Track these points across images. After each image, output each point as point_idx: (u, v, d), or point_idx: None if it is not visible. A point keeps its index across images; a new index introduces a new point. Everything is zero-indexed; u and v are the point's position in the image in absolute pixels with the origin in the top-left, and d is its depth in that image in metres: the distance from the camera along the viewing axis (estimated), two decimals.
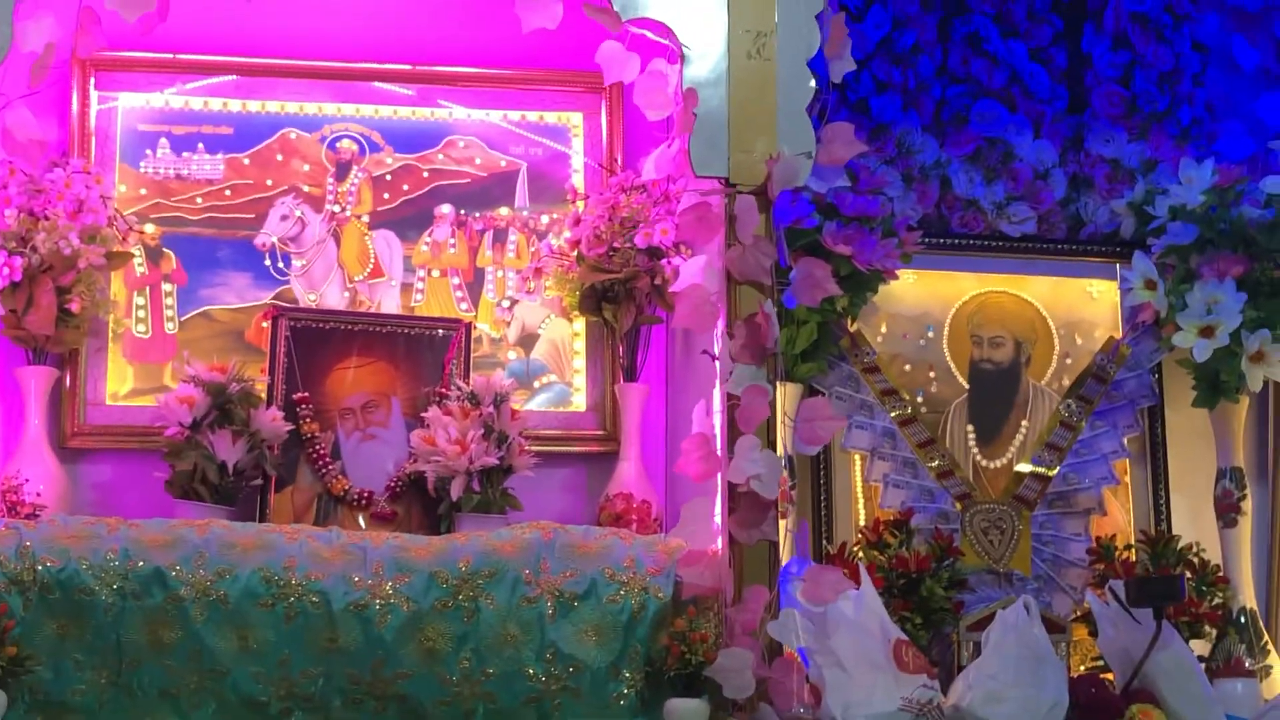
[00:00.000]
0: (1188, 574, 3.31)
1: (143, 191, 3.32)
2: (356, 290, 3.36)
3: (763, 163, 3.00)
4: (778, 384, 3.03)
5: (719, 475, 2.95)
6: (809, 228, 3.30)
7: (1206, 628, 3.29)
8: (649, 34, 3.09)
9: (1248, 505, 3.57)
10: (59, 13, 3.04)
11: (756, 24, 3.04)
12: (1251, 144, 3.67)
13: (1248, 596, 3.50)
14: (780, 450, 3.05)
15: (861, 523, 3.46)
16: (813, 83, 3.08)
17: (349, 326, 3.23)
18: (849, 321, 3.51)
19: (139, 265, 3.29)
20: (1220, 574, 3.41)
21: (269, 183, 3.37)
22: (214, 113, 3.38)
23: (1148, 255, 3.56)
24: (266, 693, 2.77)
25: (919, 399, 3.59)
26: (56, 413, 3.18)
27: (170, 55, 3.35)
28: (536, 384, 3.39)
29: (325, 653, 2.77)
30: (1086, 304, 3.69)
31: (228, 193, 3.35)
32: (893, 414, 3.54)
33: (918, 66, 3.67)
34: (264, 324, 3.23)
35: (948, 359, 3.63)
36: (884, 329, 3.60)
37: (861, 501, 3.53)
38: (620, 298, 3.22)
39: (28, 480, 3.02)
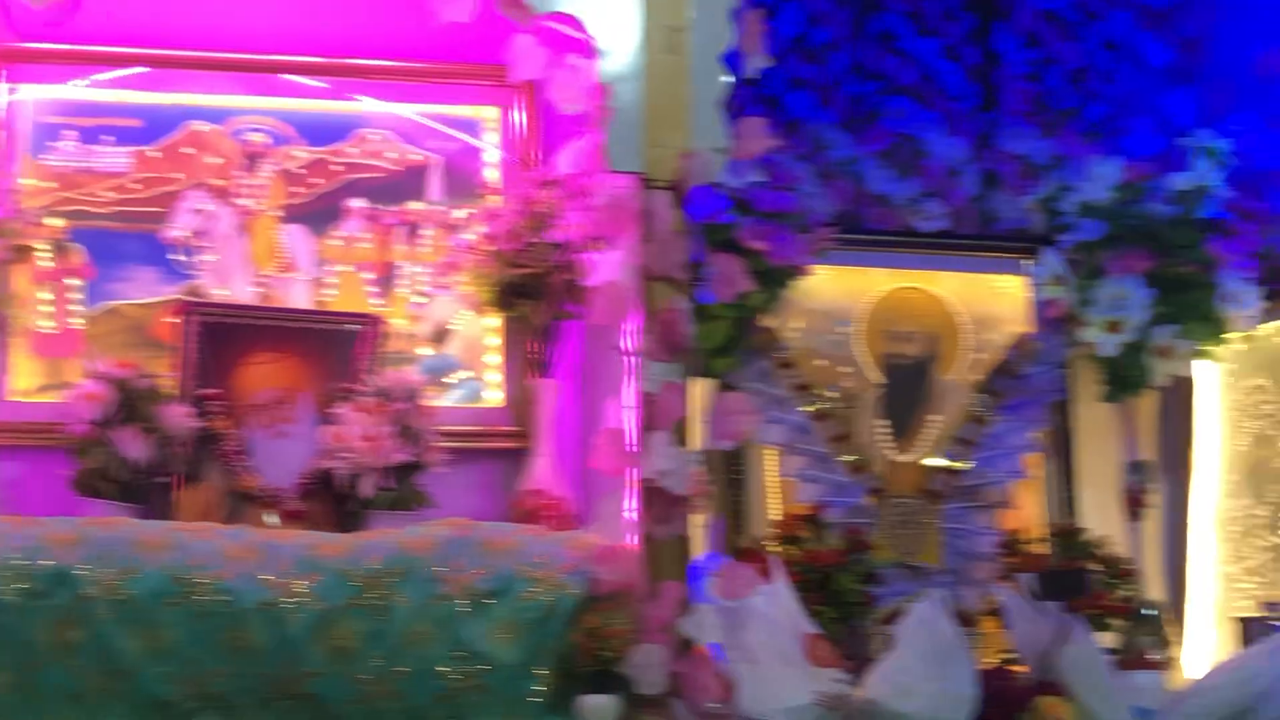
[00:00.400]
0: (1095, 567, 3.35)
1: (49, 185, 3.28)
2: (266, 285, 3.34)
3: (677, 158, 3.02)
4: (692, 380, 3.04)
5: (632, 471, 2.96)
6: (723, 223, 3.28)
7: (1113, 620, 3.31)
8: (563, 28, 3.10)
9: (1154, 499, 3.62)
10: None
11: (671, 19, 3.06)
12: (1159, 141, 3.70)
13: (1154, 588, 3.54)
14: (694, 445, 3.06)
15: (775, 517, 3.46)
16: (727, 78, 3.09)
17: (259, 322, 3.21)
18: (763, 317, 3.51)
19: (45, 259, 3.25)
20: (1127, 567, 3.45)
21: (177, 176, 3.34)
22: (122, 105, 3.35)
23: (1057, 251, 3.59)
24: (175, 693, 2.74)
25: (832, 394, 3.59)
26: None
27: (78, 46, 3.31)
28: (449, 380, 3.38)
29: (234, 652, 2.75)
30: (996, 300, 3.71)
31: (136, 186, 3.32)
32: (806, 409, 3.55)
33: (831, 63, 3.69)
34: (172, 319, 3.19)
35: (860, 354, 3.64)
36: (798, 325, 3.61)
37: (775, 497, 3.53)
38: (534, 293, 3.22)
39: None
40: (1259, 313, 3.51)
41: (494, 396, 3.40)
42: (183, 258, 3.33)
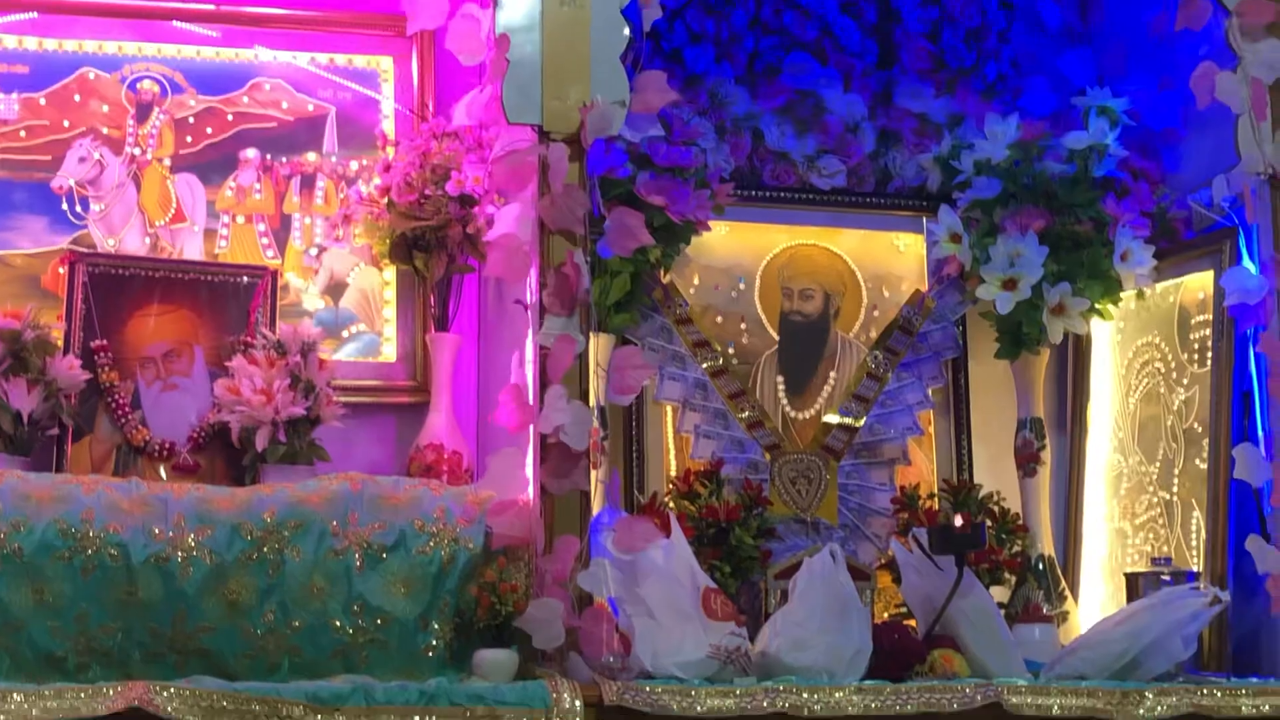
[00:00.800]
0: (988, 522, 3.37)
1: None
2: (158, 235, 3.31)
3: (576, 110, 3.00)
4: (590, 335, 3.04)
5: (532, 426, 2.95)
6: (622, 177, 3.30)
7: (1006, 575, 3.37)
8: None
9: (1047, 455, 3.66)
10: None
11: None
12: (1055, 100, 3.75)
13: (1046, 544, 3.59)
14: (592, 401, 3.06)
15: (673, 473, 3.49)
16: (626, 31, 3.07)
17: (150, 273, 3.18)
18: (662, 273, 3.52)
19: None
20: (1020, 522, 3.50)
21: (66, 124, 3.30)
22: (9, 50, 3.30)
23: (953, 209, 3.62)
24: (64, 647, 2.71)
25: (730, 350, 3.61)
26: None
27: None
28: (345, 334, 3.38)
29: (125, 606, 2.73)
30: (894, 257, 3.74)
31: (23, 134, 3.28)
32: (704, 365, 3.56)
33: (731, 18, 3.69)
34: (60, 269, 3.16)
35: (759, 311, 3.67)
36: (696, 281, 3.63)
37: (673, 452, 3.55)
38: (432, 246, 3.21)
39: None
40: (1151, 271, 3.55)
41: (390, 351, 3.38)
42: (71, 207, 3.27)
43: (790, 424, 3.62)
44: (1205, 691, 3.01)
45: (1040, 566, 3.47)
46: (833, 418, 3.62)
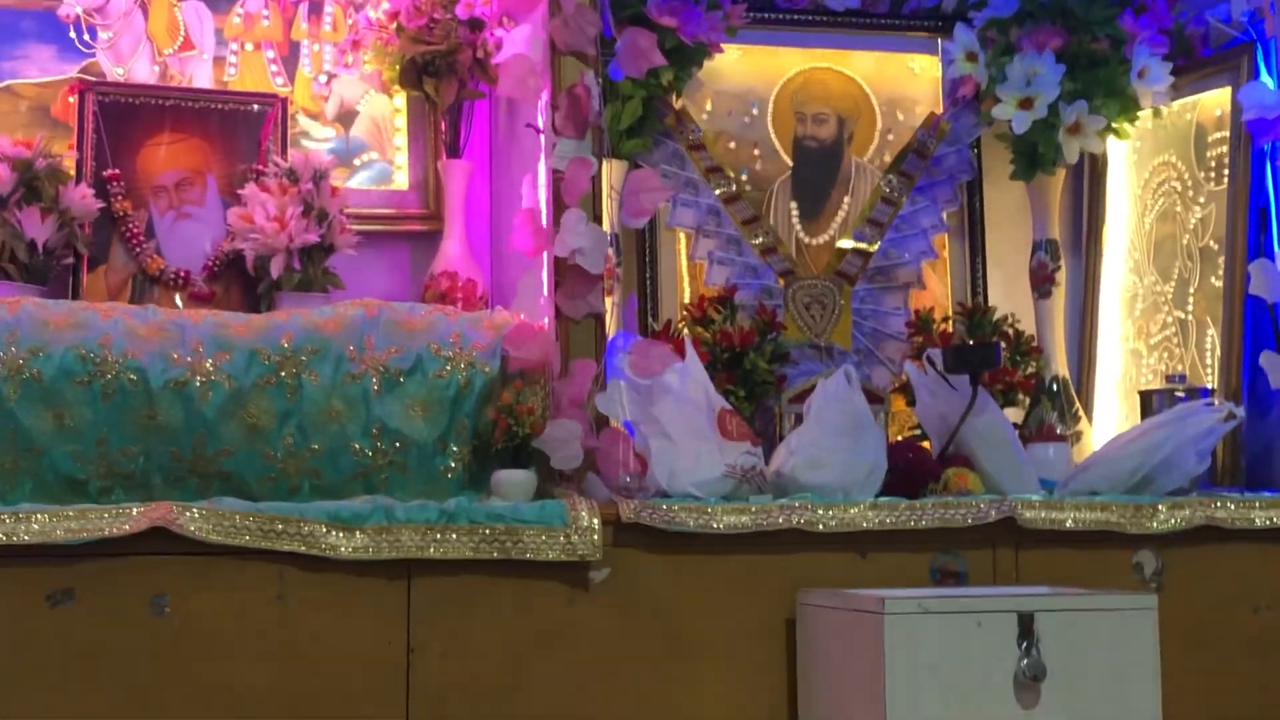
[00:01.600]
0: (1003, 344, 3.39)
1: None
2: (166, 64, 3.30)
3: None
4: (603, 160, 3.05)
5: (546, 252, 2.97)
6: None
7: (1020, 395, 3.41)
8: None
9: (1061, 277, 3.69)
10: None
11: None
12: None
13: (1060, 365, 3.63)
14: (606, 226, 3.08)
15: (687, 300, 3.52)
16: None
17: (160, 101, 3.18)
18: (674, 98, 3.53)
19: None
20: (1034, 344, 3.53)
21: None
22: None
23: (969, 28, 3.61)
24: (85, 471, 2.75)
25: (743, 177, 3.63)
26: None
27: None
28: (357, 162, 3.38)
29: (145, 430, 2.76)
30: (909, 80, 3.75)
31: None
32: (717, 191, 3.58)
33: None
34: (70, 98, 3.16)
35: (772, 136, 3.68)
36: (709, 106, 3.63)
37: (687, 279, 3.58)
38: (442, 71, 3.20)
39: None
40: (1168, 89, 3.55)
41: (402, 179, 3.39)
42: (79, 36, 3.27)
43: (804, 249, 3.64)
44: (1218, 505, 3.05)
45: (1054, 387, 3.51)
46: (847, 243, 3.65)
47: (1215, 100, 3.52)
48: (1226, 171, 3.47)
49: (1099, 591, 2.82)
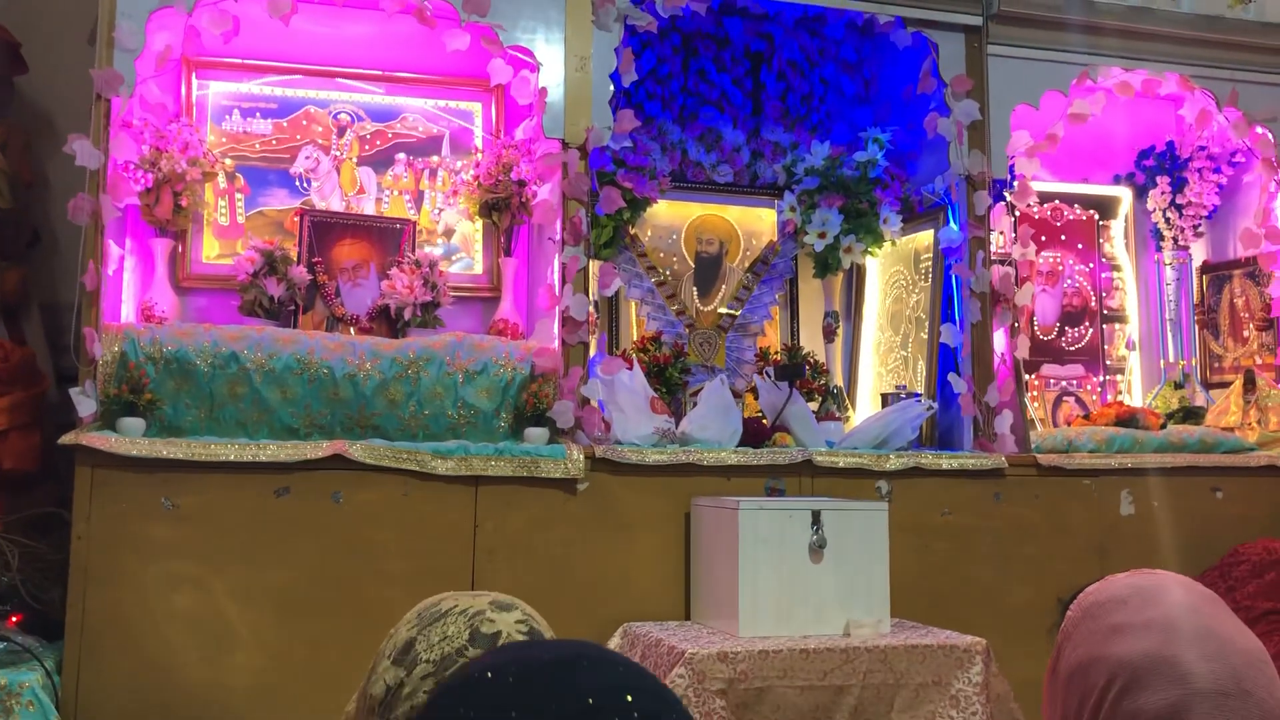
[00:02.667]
0: (807, 365, 3.43)
1: (223, 140, 3.21)
2: (349, 200, 3.29)
3: (584, 131, 3.01)
4: (590, 259, 3.06)
5: (557, 308, 2.98)
6: (609, 172, 3.31)
7: (816, 395, 3.42)
8: (519, 55, 3.04)
9: (839, 332, 3.70)
10: (173, 26, 2.90)
11: (581, 51, 3.01)
12: (849, 134, 3.75)
13: (838, 379, 3.64)
14: (591, 295, 3.09)
15: (635, 338, 3.51)
16: (612, 88, 3.08)
17: (345, 221, 3.17)
18: (630, 227, 3.54)
19: (222, 181, 3.18)
20: (824, 368, 3.55)
21: (298, 137, 3.26)
22: (266, 95, 3.25)
23: (792, 193, 3.63)
24: (297, 423, 2.75)
25: (668, 272, 3.63)
26: (173, 266, 3.09)
27: (239, 60, 3.22)
28: (454, 258, 3.36)
29: (331, 401, 2.76)
30: (758, 222, 3.76)
31: (274, 142, 3.24)
32: (653, 279, 3.58)
33: (670, 85, 3.66)
34: (295, 218, 3.15)
35: (684, 250, 3.68)
36: (649, 232, 3.64)
37: (635, 327, 3.58)
38: (502, 208, 3.19)
39: (156, 304, 2.94)
40: (900, 230, 3.57)
41: (479, 267, 3.36)
42: (301, 184, 3.26)
43: (699, 313, 3.64)
44: (922, 456, 3.09)
45: (835, 391, 3.52)
46: (723, 309, 3.65)
47: (925, 236, 3.53)
48: (929, 275, 3.48)
49: (856, 501, 2.85)
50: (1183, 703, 0.94)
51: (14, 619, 2.44)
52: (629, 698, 0.57)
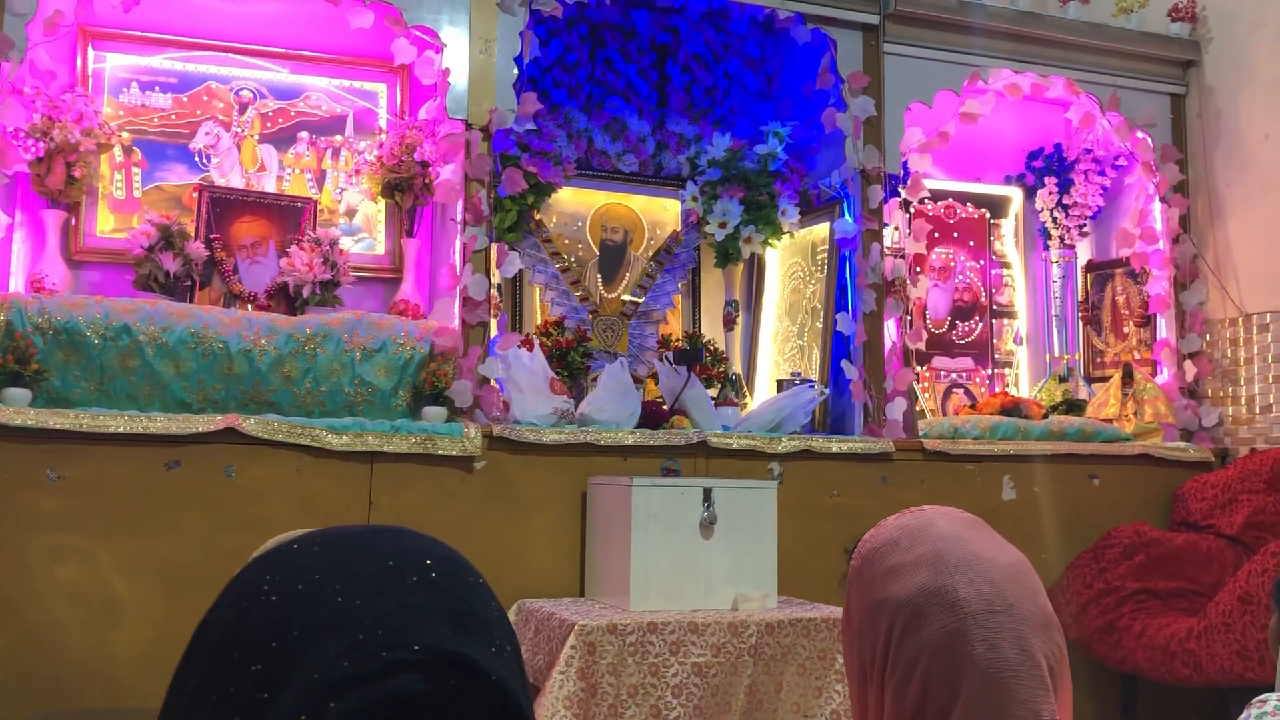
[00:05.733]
0: (705, 351, 3.49)
1: (120, 112, 3.17)
2: (249, 178, 3.27)
3: (487, 112, 3.05)
4: (491, 243, 3.10)
5: (458, 288, 3.01)
6: (514, 155, 3.33)
7: (714, 381, 3.49)
8: (423, 35, 3.07)
9: (739, 320, 3.78)
10: None
11: (485, 34, 3.05)
12: (751, 128, 3.82)
13: (737, 366, 3.72)
14: (494, 278, 3.13)
15: (538, 322, 3.54)
16: (516, 70, 3.12)
17: (244, 198, 3.16)
18: (535, 212, 3.56)
19: (118, 154, 3.15)
20: (724, 354, 3.63)
21: (199, 113, 3.24)
22: (166, 69, 3.23)
23: (695, 185, 3.70)
24: (190, 396, 2.74)
25: (572, 259, 3.67)
26: (66, 239, 3.04)
27: (139, 33, 3.18)
28: (355, 239, 3.36)
29: (226, 376, 2.75)
30: (663, 211, 3.81)
31: (174, 117, 3.22)
32: (558, 265, 3.62)
33: (577, 73, 3.71)
34: (194, 194, 3.13)
35: (588, 237, 3.72)
36: (554, 219, 3.67)
37: (539, 312, 3.60)
38: (405, 188, 3.21)
39: (47, 275, 2.90)
40: (798, 222, 3.66)
41: (380, 248, 3.38)
42: (201, 160, 3.24)
43: (603, 300, 3.68)
44: (813, 440, 3.19)
45: (733, 377, 3.58)
46: (627, 297, 3.70)
47: (822, 228, 3.62)
48: (825, 266, 3.58)
49: (748, 480, 2.92)
50: (956, 628, 1.00)
51: None
52: (428, 561, 0.62)
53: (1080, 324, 4.15)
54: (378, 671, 0.57)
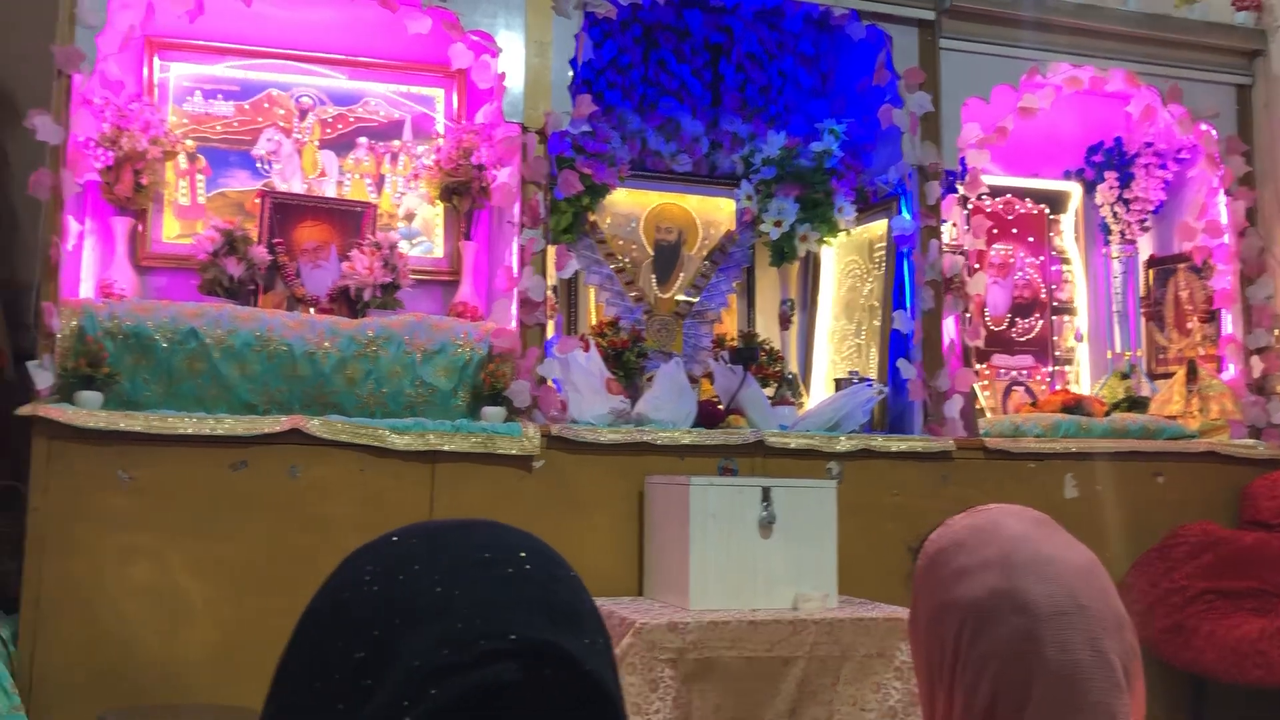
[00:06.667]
0: (761, 350, 3.48)
1: (185, 121, 3.23)
2: (310, 184, 3.31)
3: (543, 115, 3.06)
4: (548, 244, 3.11)
5: (515, 289, 3.03)
6: (568, 155, 3.34)
7: (770, 381, 3.48)
8: (479, 40, 3.09)
9: (795, 319, 3.76)
10: (135, 4, 2.93)
11: (540, 37, 3.07)
12: (806, 126, 3.79)
13: (793, 365, 3.70)
14: (550, 279, 3.14)
15: (594, 323, 3.55)
16: (570, 73, 3.12)
17: (306, 203, 3.20)
18: (590, 214, 3.57)
19: (183, 162, 3.20)
20: (779, 354, 3.61)
21: (260, 120, 3.28)
22: (228, 77, 3.28)
23: (750, 183, 3.68)
24: (256, 399, 2.78)
25: (626, 259, 3.67)
26: (133, 245, 3.10)
27: (202, 42, 3.24)
28: (414, 241, 3.39)
29: (290, 379, 2.79)
30: (717, 211, 3.80)
31: (235, 124, 3.27)
32: (612, 266, 3.62)
33: (631, 74, 3.71)
34: (256, 199, 3.18)
35: (642, 238, 3.72)
36: (609, 219, 3.68)
37: (594, 313, 3.61)
38: (462, 192, 3.23)
39: (116, 282, 2.96)
40: (855, 220, 3.64)
41: (439, 250, 3.40)
42: (264, 167, 3.28)
43: (658, 300, 3.68)
44: (872, 439, 3.17)
45: (789, 377, 3.57)
46: (681, 297, 3.70)
47: (879, 225, 3.59)
48: (883, 264, 3.54)
49: (805, 480, 2.90)
50: (1028, 630, 0.99)
51: None
52: (523, 554, 0.63)
53: (1142, 320, 4.07)
54: (475, 660, 0.58)
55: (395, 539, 0.66)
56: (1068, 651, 0.99)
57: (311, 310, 3.05)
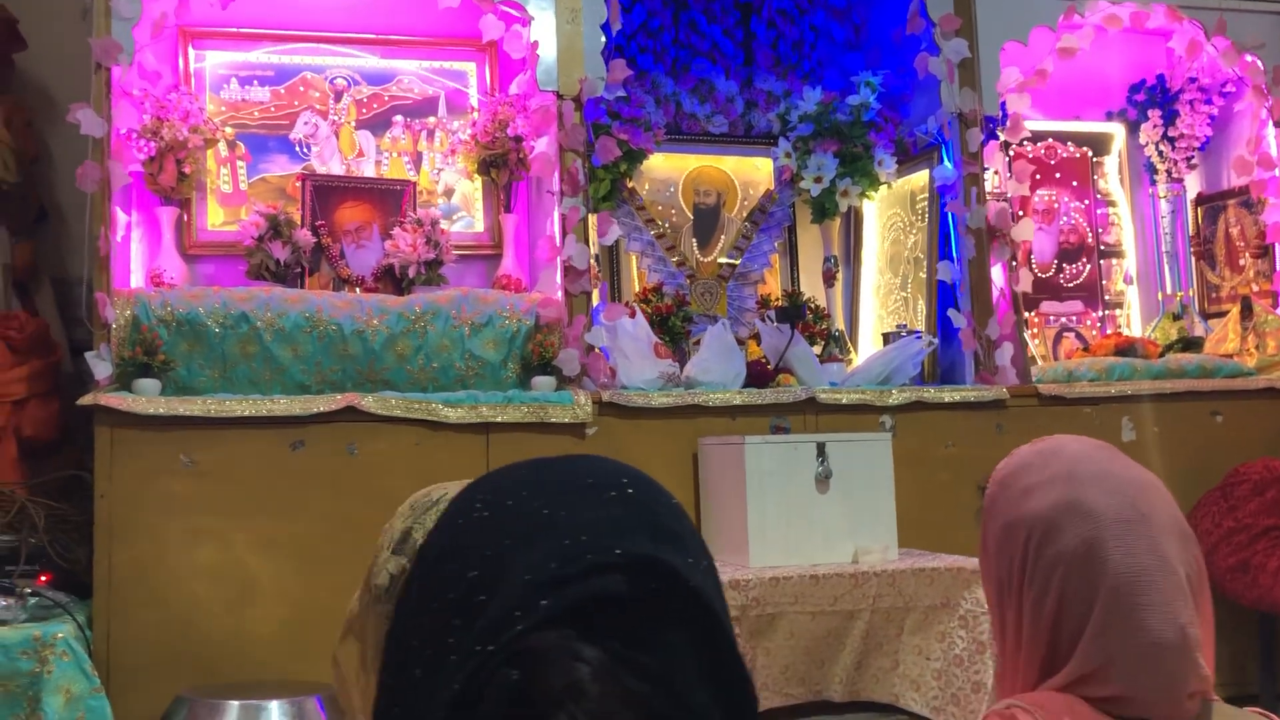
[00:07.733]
0: (807, 309, 3.45)
1: (222, 108, 3.24)
2: (349, 164, 3.32)
3: (577, 82, 3.04)
4: (588, 213, 3.10)
5: (559, 258, 3.02)
6: (604, 122, 3.32)
7: (817, 339, 3.44)
8: (510, 10, 3.08)
9: (839, 275, 3.72)
10: None
11: (572, 4, 3.05)
12: (841, 80, 3.74)
13: (839, 322, 3.67)
14: (593, 248, 3.13)
15: (637, 289, 3.53)
16: (603, 39, 3.10)
17: (346, 184, 3.21)
18: (628, 180, 3.55)
19: (223, 149, 3.22)
20: (825, 311, 3.57)
21: (296, 104, 3.29)
22: (262, 63, 3.29)
23: (787, 141, 3.64)
24: (309, 380, 2.80)
25: (666, 224, 3.65)
26: (179, 234, 3.13)
27: (235, 29, 3.24)
28: (455, 217, 3.39)
29: (341, 357, 2.81)
30: (755, 171, 3.77)
31: (272, 109, 3.28)
32: (652, 232, 3.61)
33: (662, 38, 3.68)
34: (297, 183, 3.19)
35: (681, 202, 3.70)
36: (647, 185, 3.65)
37: (636, 279, 3.59)
38: (500, 165, 3.22)
39: (165, 271, 2.99)
40: (895, 172, 3.59)
41: (480, 225, 3.40)
42: (301, 149, 3.29)
43: (699, 263, 3.66)
44: (924, 390, 3.14)
45: (835, 334, 3.53)
46: (723, 259, 3.67)
47: (920, 176, 3.54)
48: (926, 215, 3.50)
49: (860, 434, 2.89)
50: (1094, 535, 1.05)
51: (44, 578, 2.50)
52: (624, 480, 0.65)
53: (1192, 259, 3.99)
54: (583, 572, 0.60)
55: (503, 472, 0.69)
56: (1132, 555, 1.03)
57: (357, 290, 3.06)
